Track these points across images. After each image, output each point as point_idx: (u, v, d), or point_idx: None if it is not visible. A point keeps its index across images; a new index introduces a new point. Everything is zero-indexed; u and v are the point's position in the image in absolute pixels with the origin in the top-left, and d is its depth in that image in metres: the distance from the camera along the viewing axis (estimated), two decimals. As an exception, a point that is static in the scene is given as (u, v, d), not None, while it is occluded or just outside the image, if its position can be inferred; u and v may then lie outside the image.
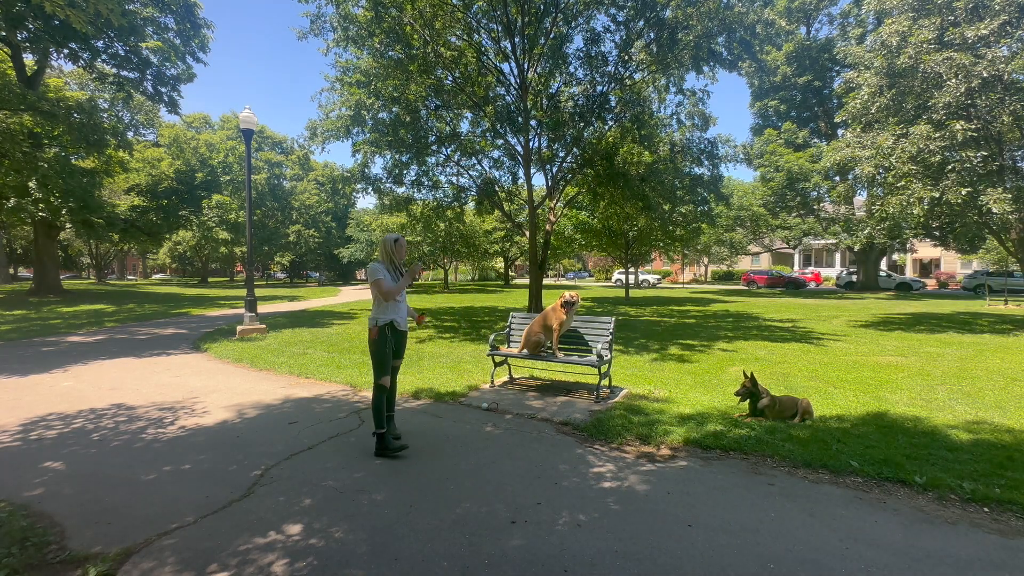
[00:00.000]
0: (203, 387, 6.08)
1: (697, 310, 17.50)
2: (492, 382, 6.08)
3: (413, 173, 14.58)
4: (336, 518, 2.87)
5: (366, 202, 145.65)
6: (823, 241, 36.50)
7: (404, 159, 13.77)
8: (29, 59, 19.59)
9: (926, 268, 45.46)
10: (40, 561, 2.46)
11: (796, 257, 49.04)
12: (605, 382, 5.58)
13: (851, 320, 13.82)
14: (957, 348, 8.90)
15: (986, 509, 2.95)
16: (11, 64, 18.30)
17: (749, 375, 4.69)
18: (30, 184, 17.74)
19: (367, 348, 9.22)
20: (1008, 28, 9.75)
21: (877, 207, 11.86)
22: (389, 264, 3.93)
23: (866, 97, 11.52)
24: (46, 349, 8.91)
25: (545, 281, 35.45)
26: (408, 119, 12.66)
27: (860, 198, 23.33)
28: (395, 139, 12.75)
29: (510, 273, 46.26)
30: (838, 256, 46.05)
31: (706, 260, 50.07)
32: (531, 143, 13.17)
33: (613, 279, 44.77)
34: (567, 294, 5.70)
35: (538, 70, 12.92)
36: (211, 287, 37.28)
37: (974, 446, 3.87)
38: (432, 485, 3.31)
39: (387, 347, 3.80)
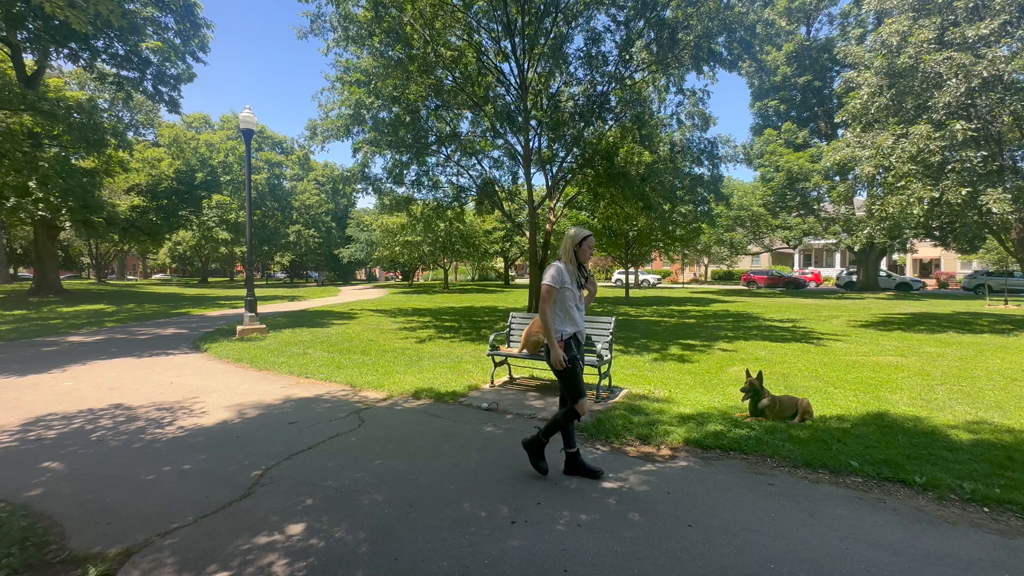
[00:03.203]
0: (203, 387, 6.08)
1: (697, 310, 17.50)
2: (492, 382, 6.08)
3: (413, 173, 14.60)
4: (336, 518, 2.87)
5: (366, 202, 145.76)
6: (823, 241, 36.47)
7: (404, 159, 13.77)
8: (29, 59, 19.60)
9: (926, 268, 45.45)
10: (40, 561, 2.46)
11: (796, 257, 49.03)
12: (605, 382, 5.58)
13: (851, 320, 13.82)
14: (957, 348, 8.90)
15: (986, 509, 2.95)
16: (11, 64, 18.32)
17: (757, 373, 4.70)
18: (30, 184, 17.74)
19: (367, 348, 9.32)
20: (1008, 28, 9.75)
21: (877, 207, 11.85)
22: (573, 266, 3.36)
23: (866, 97, 11.51)
24: (46, 349, 8.90)
25: (545, 281, 35.37)
26: (408, 119, 12.66)
27: (860, 198, 23.35)
28: (395, 139, 12.75)
29: (510, 273, 46.25)
30: (838, 256, 46.04)
31: (706, 260, 50.05)
32: (531, 143, 13.17)
33: (613, 279, 44.78)
34: None
35: (538, 70, 12.91)
36: (211, 287, 37.27)
37: (974, 446, 3.87)
38: (432, 485, 3.31)
39: (577, 362, 3.27)
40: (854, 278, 32.41)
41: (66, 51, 18.14)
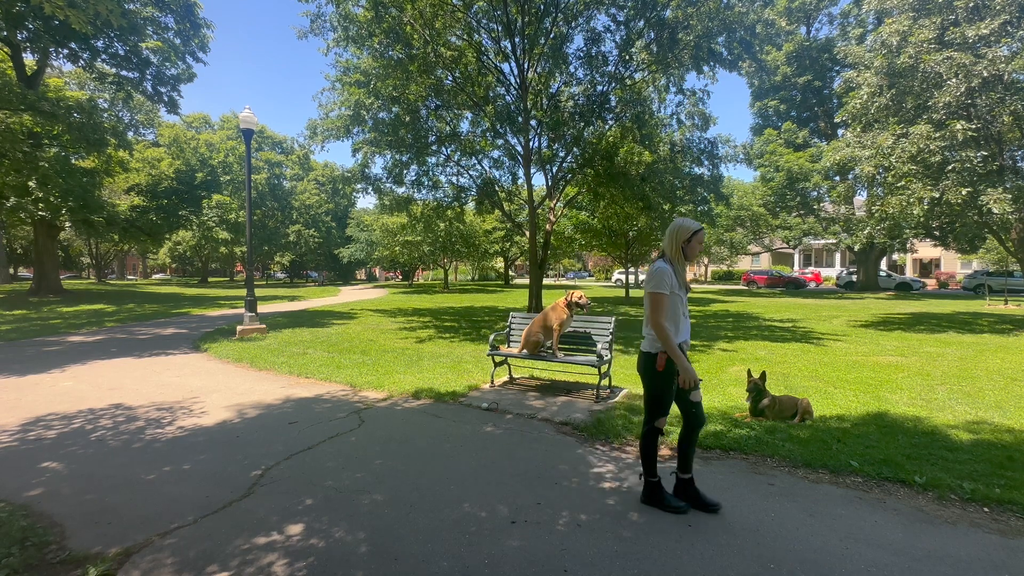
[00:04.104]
0: (203, 387, 6.08)
1: (697, 310, 17.50)
2: (492, 382, 6.08)
3: (413, 173, 14.60)
4: (336, 518, 2.87)
5: (366, 202, 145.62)
6: (823, 241, 36.50)
7: (404, 159, 13.78)
8: (29, 59, 19.60)
9: (926, 268, 45.45)
10: (40, 561, 2.46)
11: (796, 257, 49.04)
12: (605, 382, 5.58)
13: (851, 320, 13.82)
14: (957, 348, 8.90)
15: (986, 509, 2.95)
16: (11, 64, 18.30)
17: (761, 373, 4.70)
18: (30, 184, 17.74)
19: (367, 348, 9.31)
20: (1008, 28, 9.74)
21: (877, 207, 11.85)
22: (681, 266, 2.91)
23: (866, 97, 11.51)
24: (46, 349, 8.90)
25: (545, 281, 35.46)
26: (408, 119, 12.66)
27: (860, 198, 23.33)
28: (395, 139, 12.75)
29: (510, 273, 46.25)
30: (838, 256, 46.04)
31: (706, 260, 50.04)
32: (531, 143, 13.17)
33: (613, 279, 44.76)
34: (576, 293, 5.64)
35: (538, 70, 12.92)
36: (211, 287, 37.26)
37: (974, 446, 3.87)
38: (432, 485, 3.31)
39: (674, 381, 2.87)
40: (854, 278, 32.41)
41: (66, 51, 18.12)
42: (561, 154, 14.18)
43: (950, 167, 10.18)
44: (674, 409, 3.02)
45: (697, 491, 2.97)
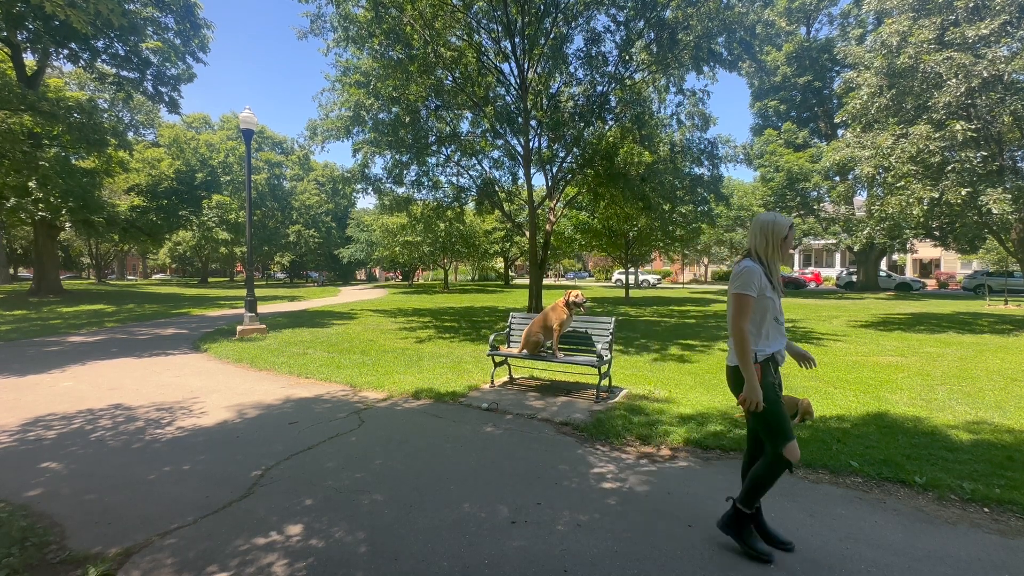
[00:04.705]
0: (203, 387, 6.08)
1: (697, 310, 17.50)
2: (492, 382, 6.08)
3: (413, 173, 14.61)
4: (336, 518, 2.87)
5: (366, 202, 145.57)
6: (823, 241, 36.51)
7: (404, 159, 13.79)
8: (29, 59, 19.61)
9: (926, 268, 45.45)
10: (40, 561, 2.46)
11: (796, 257, 49.04)
12: (605, 382, 5.57)
13: (851, 320, 13.82)
14: (957, 348, 8.90)
15: (986, 509, 2.95)
16: (11, 64, 18.31)
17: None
18: (30, 184, 17.75)
19: (367, 348, 9.34)
20: (1008, 28, 9.74)
21: (877, 207, 11.85)
22: (775, 265, 2.55)
23: (866, 97, 11.51)
24: (46, 349, 8.90)
25: (545, 281, 35.48)
26: (408, 119, 12.67)
27: (860, 198, 23.34)
28: (395, 139, 12.76)
29: (510, 273, 46.26)
30: (838, 256, 46.05)
31: (706, 260, 50.09)
32: (531, 143, 13.18)
33: (613, 279, 44.77)
34: (574, 293, 5.66)
35: (538, 70, 12.92)
36: (211, 287, 37.27)
37: (974, 446, 3.87)
38: (432, 485, 3.30)
39: (776, 392, 2.46)
40: (854, 278, 32.42)
41: (66, 51, 18.14)
42: (561, 154, 14.19)
43: (950, 167, 10.18)
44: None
45: (754, 540, 2.54)
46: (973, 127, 9.81)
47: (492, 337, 6.12)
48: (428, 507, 3.00)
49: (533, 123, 12.99)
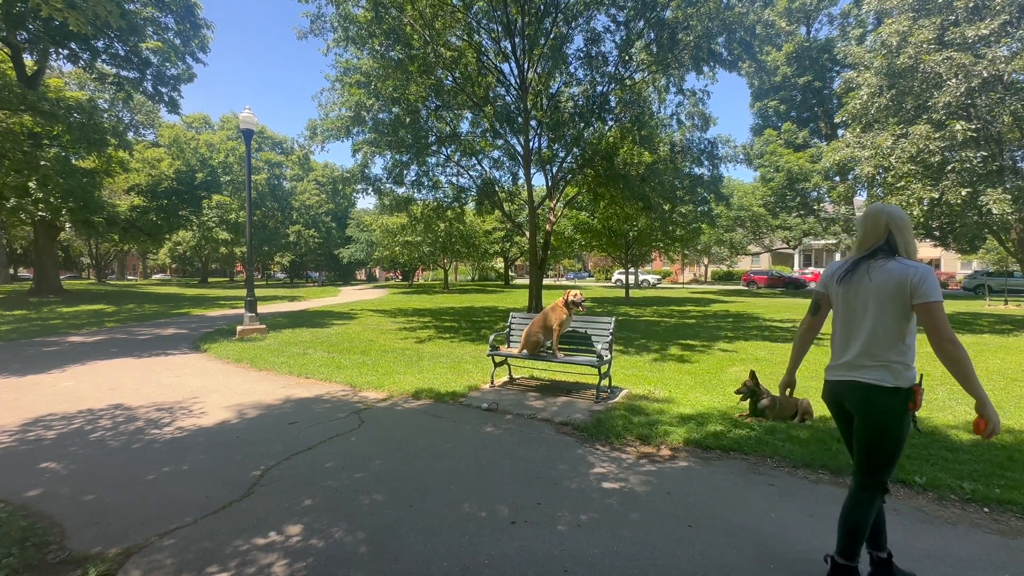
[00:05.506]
0: (203, 387, 6.08)
1: (697, 310, 17.50)
2: (492, 382, 6.08)
3: (413, 173, 14.61)
4: (336, 518, 2.87)
5: (366, 202, 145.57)
6: (823, 241, 36.50)
7: (404, 159, 13.78)
8: (29, 59, 19.60)
9: (926, 268, 45.35)
10: (40, 561, 2.46)
11: (796, 257, 49.00)
12: (605, 382, 5.57)
13: (851, 320, 13.79)
14: (957, 348, 8.88)
15: (986, 509, 2.95)
16: (11, 64, 18.31)
17: (750, 373, 4.70)
18: (30, 184, 17.74)
19: (367, 348, 9.34)
20: (1008, 28, 9.75)
21: (877, 207, 11.83)
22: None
23: (866, 97, 11.52)
24: (46, 349, 8.90)
25: (545, 281, 35.46)
26: (408, 119, 12.66)
27: (860, 198, 23.34)
28: (395, 139, 12.76)
29: (510, 273, 46.26)
30: (838, 256, 45.97)
31: (706, 260, 50.06)
32: (531, 143, 13.18)
33: (613, 279, 44.75)
34: (573, 292, 5.67)
35: (538, 70, 12.92)
36: (211, 287, 37.26)
37: (974, 446, 3.87)
38: (432, 485, 3.30)
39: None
40: (854, 278, 32.31)
41: (66, 52, 18.14)
42: (561, 154, 14.18)
43: (950, 167, 10.19)
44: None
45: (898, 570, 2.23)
46: (973, 127, 9.82)
47: (492, 337, 6.12)
48: (428, 507, 3.00)
49: (533, 123, 12.99)
